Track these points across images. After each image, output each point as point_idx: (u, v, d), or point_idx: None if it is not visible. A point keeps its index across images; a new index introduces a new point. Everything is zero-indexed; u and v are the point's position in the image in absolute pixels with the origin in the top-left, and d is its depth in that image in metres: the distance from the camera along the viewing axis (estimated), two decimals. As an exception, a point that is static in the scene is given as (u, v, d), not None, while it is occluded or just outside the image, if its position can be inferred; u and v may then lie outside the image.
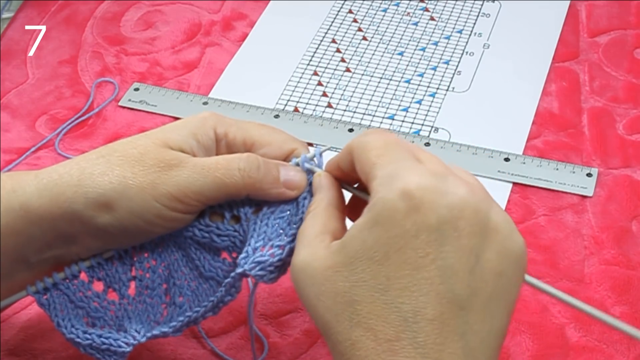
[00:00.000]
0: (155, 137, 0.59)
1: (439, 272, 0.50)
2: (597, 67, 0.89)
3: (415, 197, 0.50)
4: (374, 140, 0.54)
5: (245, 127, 0.61)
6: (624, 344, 0.68)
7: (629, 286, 0.72)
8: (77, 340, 0.60)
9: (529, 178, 0.79)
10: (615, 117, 0.85)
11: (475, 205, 0.51)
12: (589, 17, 0.94)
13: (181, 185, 0.57)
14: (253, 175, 0.58)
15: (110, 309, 0.61)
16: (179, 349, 0.67)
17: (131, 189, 0.57)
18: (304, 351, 0.68)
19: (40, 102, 0.86)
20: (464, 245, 0.50)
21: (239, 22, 0.94)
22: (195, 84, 0.88)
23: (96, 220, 0.57)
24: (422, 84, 0.88)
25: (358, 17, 0.95)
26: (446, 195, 0.51)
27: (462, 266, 0.50)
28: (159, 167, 0.57)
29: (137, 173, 0.57)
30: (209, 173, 0.57)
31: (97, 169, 0.57)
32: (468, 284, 0.50)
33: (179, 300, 0.61)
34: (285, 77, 0.89)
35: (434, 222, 0.50)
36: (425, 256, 0.50)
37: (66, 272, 0.60)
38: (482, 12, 0.95)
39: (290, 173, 0.59)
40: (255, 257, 0.58)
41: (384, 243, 0.50)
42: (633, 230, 0.76)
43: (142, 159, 0.57)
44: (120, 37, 0.93)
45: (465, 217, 0.51)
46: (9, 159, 0.81)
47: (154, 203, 0.57)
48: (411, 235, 0.50)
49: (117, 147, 0.59)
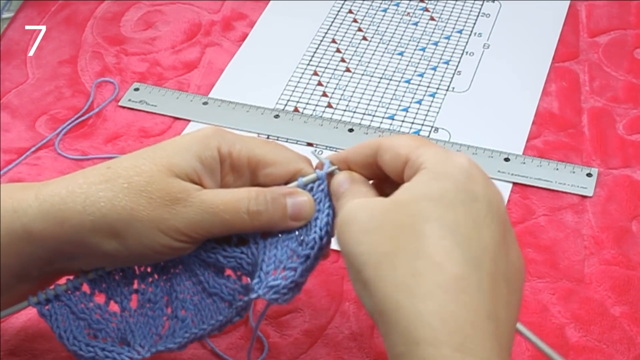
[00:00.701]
0: (160, 163, 0.58)
1: (492, 240, 0.52)
2: (597, 67, 0.89)
3: (471, 170, 0.54)
4: (401, 135, 0.58)
5: (249, 145, 0.60)
6: (624, 344, 0.68)
7: (629, 286, 0.72)
8: (80, 353, 0.59)
9: (529, 178, 0.79)
10: (615, 117, 0.85)
11: (502, 202, 0.55)
12: (589, 17, 0.94)
13: (189, 222, 0.57)
14: (261, 217, 0.58)
15: (112, 320, 0.61)
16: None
17: (139, 222, 0.56)
18: (304, 351, 0.68)
19: (40, 102, 0.86)
20: (503, 230, 0.54)
21: (239, 22, 0.94)
22: (195, 84, 0.88)
23: (102, 246, 0.57)
24: (422, 84, 0.88)
25: (358, 17, 0.95)
26: (489, 180, 0.55)
27: (503, 246, 0.53)
28: (166, 201, 0.57)
29: (144, 205, 0.57)
30: (216, 213, 0.57)
31: (102, 196, 0.57)
32: (507, 263, 0.53)
33: (181, 314, 0.61)
34: (285, 77, 0.89)
35: (488, 197, 0.54)
36: (482, 220, 0.53)
37: (68, 285, 0.60)
38: (482, 12, 0.95)
39: (298, 201, 0.59)
40: (268, 282, 0.58)
41: (450, 194, 0.53)
42: (633, 230, 0.76)
43: (149, 189, 0.57)
44: (120, 37, 0.93)
45: (503, 207, 0.55)
46: (9, 159, 0.81)
47: (161, 235, 0.57)
48: (471, 199, 0.53)
49: (121, 171, 0.58)
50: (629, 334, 0.69)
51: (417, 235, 0.51)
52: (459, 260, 0.51)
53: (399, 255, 0.51)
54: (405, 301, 0.50)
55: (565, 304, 0.71)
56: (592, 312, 0.70)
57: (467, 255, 0.51)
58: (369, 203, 0.54)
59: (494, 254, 0.52)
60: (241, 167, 0.60)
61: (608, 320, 0.69)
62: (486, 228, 0.52)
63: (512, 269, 0.53)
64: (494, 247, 0.52)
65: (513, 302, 0.53)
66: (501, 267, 0.52)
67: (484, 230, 0.52)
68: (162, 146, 0.59)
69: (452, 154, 0.55)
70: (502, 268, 0.52)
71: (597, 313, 0.70)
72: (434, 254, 0.51)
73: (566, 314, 0.70)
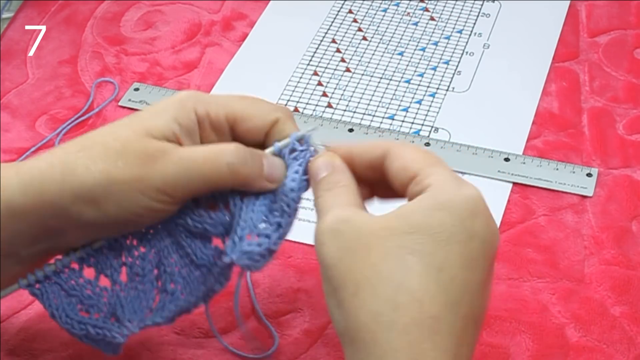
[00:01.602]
0: (136, 126, 0.57)
1: (476, 282, 0.52)
2: (597, 67, 0.89)
3: (478, 205, 0.53)
4: (420, 149, 0.57)
5: (226, 102, 0.60)
6: (624, 344, 0.68)
7: (629, 286, 0.72)
8: (73, 331, 0.60)
9: (529, 178, 0.79)
10: (615, 117, 0.85)
11: (497, 241, 0.55)
12: (589, 17, 0.94)
13: (168, 180, 0.56)
14: (241, 169, 0.57)
15: (103, 295, 0.60)
16: (179, 349, 0.67)
17: (116, 184, 0.56)
18: (304, 351, 0.68)
19: (40, 102, 0.86)
20: (488, 271, 0.54)
21: (239, 22, 0.94)
22: (195, 84, 0.88)
23: (83, 215, 0.56)
24: (422, 84, 0.88)
25: (358, 17, 0.95)
26: (491, 218, 0.54)
27: (483, 288, 0.53)
28: (143, 160, 0.56)
29: (121, 167, 0.56)
30: (196, 167, 0.56)
31: (80, 164, 0.56)
32: (484, 303, 0.54)
33: (170, 287, 0.60)
34: (285, 77, 0.89)
35: (484, 237, 0.53)
36: (473, 260, 0.52)
37: (57, 265, 0.60)
38: (482, 12, 0.95)
39: (273, 165, 0.59)
40: (242, 247, 0.57)
41: (448, 229, 0.52)
42: (633, 230, 0.76)
43: (125, 152, 0.56)
44: (120, 37, 0.93)
45: (495, 248, 0.54)
46: (9, 159, 0.81)
47: (140, 196, 0.56)
48: (468, 236, 0.52)
49: (98, 138, 0.58)
50: (629, 334, 0.69)
51: (403, 268, 0.51)
52: (439, 300, 0.51)
53: (382, 284, 0.51)
54: (381, 334, 0.50)
55: (565, 304, 0.71)
56: (592, 312, 0.70)
57: (448, 297, 0.51)
58: (357, 220, 0.53)
59: (473, 296, 0.52)
60: (220, 126, 0.59)
61: (608, 320, 0.69)
62: (473, 270, 0.52)
63: (483, 310, 0.54)
64: (476, 289, 0.52)
65: (475, 340, 0.53)
66: (475, 309, 0.53)
67: (472, 272, 0.52)
68: (138, 113, 0.59)
69: (463, 183, 0.54)
70: (476, 309, 0.53)
71: (597, 313, 0.70)
72: (417, 291, 0.51)
73: (566, 314, 0.70)
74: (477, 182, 0.78)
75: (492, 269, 0.54)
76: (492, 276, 0.55)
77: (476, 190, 0.54)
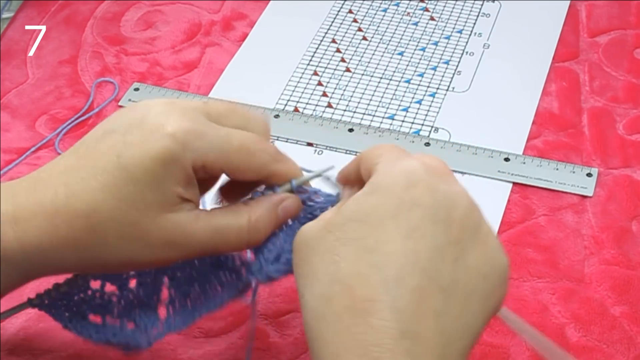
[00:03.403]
0: (143, 208, 0.55)
1: (426, 248, 0.51)
2: (597, 67, 0.89)
3: (415, 174, 0.52)
4: (381, 144, 0.56)
5: (224, 155, 0.57)
6: (624, 344, 0.68)
7: (629, 286, 0.72)
8: (92, 340, 0.60)
9: (529, 178, 0.79)
10: (615, 117, 0.85)
11: (470, 206, 0.53)
12: (589, 17, 0.94)
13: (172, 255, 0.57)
14: (260, 234, 0.58)
15: (112, 297, 0.61)
16: (179, 349, 0.67)
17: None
18: (304, 351, 0.68)
19: (40, 102, 0.86)
20: (454, 234, 0.51)
21: (239, 22, 0.94)
22: (195, 84, 0.88)
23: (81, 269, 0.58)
24: (422, 84, 0.88)
25: (358, 17, 0.95)
26: (444, 184, 0.53)
27: (449, 252, 0.51)
28: (163, 243, 0.56)
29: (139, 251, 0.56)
30: (217, 246, 0.58)
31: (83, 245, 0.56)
32: (452, 270, 0.51)
33: (183, 295, 0.61)
34: (285, 77, 0.89)
35: (429, 202, 0.51)
36: (416, 229, 0.51)
37: (61, 288, 0.60)
38: (482, 12, 0.95)
39: (287, 206, 0.59)
40: (268, 271, 0.58)
41: (380, 209, 0.51)
42: (633, 230, 0.76)
43: (139, 233, 0.56)
44: (120, 37, 0.93)
45: (459, 210, 0.52)
46: (9, 159, 0.81)
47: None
48: (406, 208, 0.51)
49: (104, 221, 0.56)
50: (629, 334, 0.69)
51: (335, 260, 0.51)
52: (372, 280, 0.50)
53: (318, 280, 0.51)
54: (318, 328, 0.51)
55: (565, 304, 0.71)
56: (592, 312, 0.70)
57: (384, 274, 0.50)
58: (304, 230, 0.54)
59: (427, 263, 0.50)
60: (214, 173, 0.59)
61: (608, 320, 0.69)
62: (421, 237, 0.51)
63: (462, 275, 0.51)
64: (429, 256, 0.50)
65: (457, 310, 0.50)
66: (439, 276, 0.50)
67: (418, 241, 0.51)
68: (134, 181, 0.55)
69: (402, 160, 0.53)
70: (442, 277, 0.50)
71: (597, 313, 0.70)
72: (347, 278, 0.50)
73: (566, 314, 0.70)
74: (477, 182, 0.78)
75: (464, 231, 0.52)
76: (474, 240, 0.52)
77: (415, 160, 0.53)
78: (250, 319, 0.67)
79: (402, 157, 0.54)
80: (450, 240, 0.51)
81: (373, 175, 0.54)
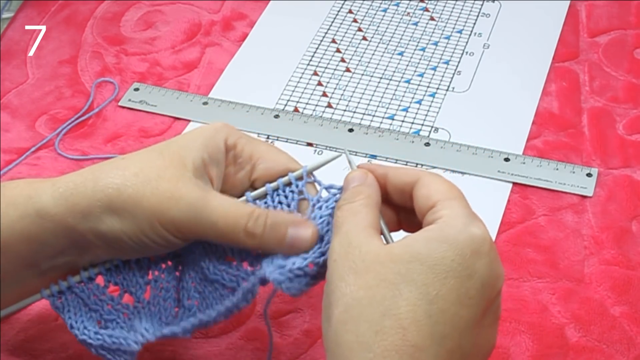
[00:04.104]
0: (170, 157, 0.59)
1: (468, 318, 0.53)
2: (597, 67, 0.89)
3: (483, 246, 0.54)
4: (446, 181, 0.58)
5: (254, 142, 0.62)
6: (624, 344, 0.68)
7: (629, 286, 0.72)
8: (89, 342, 0.60)
9: (529, 178, 0.79)
10: (615, 117, 0.85)
11: (498, 284, 0.56)
12: (589, 17, 0.94)
13: (186, 222, 0.58)
14: (255, 239, 0.59)
15: (123, 312, 0.61)
16: (179, 350, 0.67)
17: (141, 210, 0.58)
18: (304, 351, 0.68)
19: (40, 102, 0.86)
20: (483, 310, 0.54)
21: (239, 22, 0.94)
22: (195, 84, 0.88)
23: (107, 234, 0.58)
24: (422, 84, 0.88)
25: (358, 17, 0.95)
26: (497, 263, 0.55)
27: (475, 326, 0.54)
28: (170, 197, 0.58)
29: (149, 196, 0.58)
30: (213, 222, 0.58)
31: (111, 182, 0.58)
32: (472, 343, 0.54)
33: (187, 302, 0.61)
34: (285, 77, 0.89)
35: (486, 278, 0.54)
36: (470, 298, 0.53)
37: (82, 275, 0.61)
38: (482, 12, 0.95)
39: (299, 235, 0.59)
40: (278, 262, 0.58)
41: (447, 264, 0.53)
42: (633, 230, 0.76)
43: (156, 182, 0.58)
44: (120, 37, 0.93)
45: (495, 291, 0.55)
46: (9, 159, 0.81)
47: (159, 227, 0.58)
48: (467, 274, 0.53)
49: (133, 161, 0.60)
50: (629, 334, 0.69)
51: (394, 294, 0.52)
52: (424, 331, 0.52)
53: (371, 306, 0.52)
54: (360, 355, 0.52)
55: (565, 304, 0.71)
56: (592, 312, 0.70)
57: (434, 329, 0.52)
58: (364, 246, 0.54)
59: (463, 332, 0.53)
60: (243, 160, 0.62)
61: (608, 320, 0.70)
62: (467, 307, 0.53)
63: (476, 350, 0.54)
64: (466, 326, 0.53)
65: None
66: (465, 345, 0.53)
67: (464, 309, 0.53)
68: (174, 140, 0.61)
69: (473, 221, 0.55)
70: (466, 346, 0.53)
71: (597, 313, 0.70)
72: (403, 318, 0.52)
73: (566, 314, 0.70)
74: (477, 182, 0.78)
75: (492, 311, 0.55)
76: (493, 319, 0.56)
77: (484, 230, 0.55)
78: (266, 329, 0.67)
79: (471, 217, 0.55)
80: (482, 315, 0.54)
81: (441, 222, 0.54)
